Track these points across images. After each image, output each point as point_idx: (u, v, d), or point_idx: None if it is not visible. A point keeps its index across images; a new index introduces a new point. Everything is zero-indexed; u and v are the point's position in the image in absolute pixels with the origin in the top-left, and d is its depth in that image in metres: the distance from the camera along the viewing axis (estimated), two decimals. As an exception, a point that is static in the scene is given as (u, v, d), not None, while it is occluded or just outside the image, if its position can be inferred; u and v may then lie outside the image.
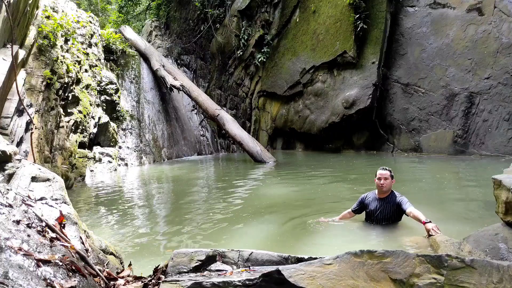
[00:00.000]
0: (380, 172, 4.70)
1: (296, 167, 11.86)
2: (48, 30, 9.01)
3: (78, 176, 10.04)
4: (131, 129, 14.60)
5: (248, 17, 17.39)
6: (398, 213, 4.72)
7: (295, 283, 1.66)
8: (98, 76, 12.85)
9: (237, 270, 2.13)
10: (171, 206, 7.18)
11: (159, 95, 16.69)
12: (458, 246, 3.31)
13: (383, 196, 4.76)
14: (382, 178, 4.65)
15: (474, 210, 5.55)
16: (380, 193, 4.78)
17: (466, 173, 8.96)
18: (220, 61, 18.98)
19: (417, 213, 4.32)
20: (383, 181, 4.64)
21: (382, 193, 4.76)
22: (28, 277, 1.53)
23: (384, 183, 4.65)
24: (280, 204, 6.45)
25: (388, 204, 4.72)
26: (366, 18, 13.04)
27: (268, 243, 4.58)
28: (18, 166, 2.86)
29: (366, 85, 13.12)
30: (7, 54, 6.07)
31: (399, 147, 13.11)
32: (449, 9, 12.06)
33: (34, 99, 8.02)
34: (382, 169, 4.73)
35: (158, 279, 2.14)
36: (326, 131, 14.26)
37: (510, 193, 2.85)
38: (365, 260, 1.76)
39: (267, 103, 17.21)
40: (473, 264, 1.68)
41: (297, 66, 15.40)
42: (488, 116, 10.95)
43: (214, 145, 18.31)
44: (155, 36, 21.39)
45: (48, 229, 2.09)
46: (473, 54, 11.38)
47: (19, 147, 6.48)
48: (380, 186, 4.68)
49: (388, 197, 4.74)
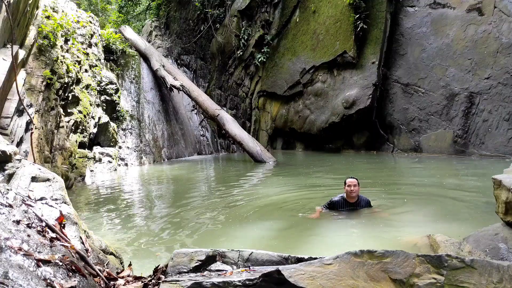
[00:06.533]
0: (349, 180, 5.42)
1: (296, 167, 11.86)
2: (48, 30, 9.01)
3: (78, 176, 10.04)
4: (131, 129, 14.59)
5: (248, 17, 17.39)
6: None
7: (295, 283, 1.66)
8: (98, 76, 12.85)
9: (237, 270, 2.13)
10: (171, 206, 7.18)
11: (159, 95, 16.68)
12: (458, 246, 3.30)
13: (352, 201, 5.47)
14: (351, 185, 5.36)
15: (474, 210, 5.54)
16: (350, 198, 5.47)
17: (466, 173, 8.95)
18: (220, 61, 18.98)
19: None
20: (353, 188, 5.37)
21: (351, 198, 5.46)
22: (28, 277, 1.53)
23: (354, 189, 5.37)
24: (280, 204, 6.44)
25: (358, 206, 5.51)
26: (366, 18, 13.04)
27: (268, 243, 4.58)
28: (18, 166, 2.86)
29: (366, 85, 13.12)
30: (7, 54, 6.07)
31: (399, 147, 13.11)
32: (449, 9, 12.06)
33: (34, 99, 8.01)
34: (350, 178, 5.47)
35: (158, 279, 2.14)
36: (326, 131, 14.26)
37: (510, 193, 2.85)
38: (365, 260, 1.76)
39: (267, 103, 17.21)
40: (473, 264, 1.68)
41: (297, 66, 15.40)
42: (488, 116, 10.95)
43: (214, 145, 18.31)
44: (155, 36, 21.39)
45: (48, 229, 2.09)
46: (473, 54, 11.38)
47: (19, 147, 6.48)
48: (351, 192, 5.38)
49: (357, 201, 5.50)
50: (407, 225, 4.84)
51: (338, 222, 5.22)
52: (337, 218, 5.33)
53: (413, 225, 4.81)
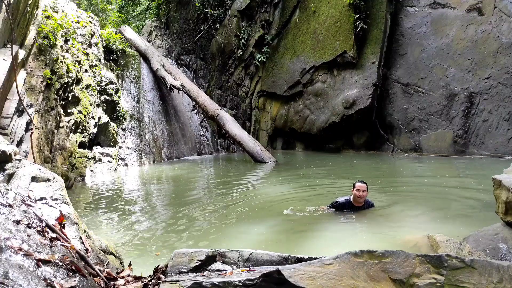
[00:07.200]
0: (359, 185, 5.21)
1: (296, 167, 11.86)
2: (48, 30, 9.01)
3: (78, 176, 10.04)
4: (131, 129, 14.59)
5: (248, 17, 17.39)
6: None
7: (295, 283, 1.66)
8: (98, 76, 12.85)
9: (237, 270, 2.13)
10: (171, 206, 7.18)
11: (159, 95, 16.68)
12: (458, 246, 3.31)
13: (359, 205, 5.34)
14: (361, 190, 5.17)
15: (474, 210, 5.54)
16: (357, 202, 5.32)
17: (466, 173, 8.95)
18: (220, 61, 18.98)
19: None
20: (362, 193, 5.18)
21: (359, 203, 5.31)
22: (28, 277, 1.53)
23: (362, 194, 5.19)
24: (280, 204, 6.44)
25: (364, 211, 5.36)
26: (366, 18, 13.04)
27: (268, 243, 4.58)
28: (18, 166, 2.86)
29: (366, 85, 13.12)
30: (7, 54, 6.07)
31: (399, 147, 13.10)
32: (449, 9, 12.06)
33: (34, 99, 8.01)
34: (360, 182, 5.24)
35: (158, 279, 2.14)
36: (326, 131, 14.26)
37: (510, 193, 2.85)
38: (365, 260, 1.76)
39: (267, 103, 17.21)
40: (473, 264, 1.68)
41: (297, 66, 15.40)
42: (488, 116, 10.95)
43: (214, 145, 18.31)
44: (155, 36, 21.39)
45: (48, 229, 2.09)
46: (473, 54, 11.38)
47: (19, 147, 6.48)
48: (359, 197, 5.20)
49: (363, 205, 5.39)
50: (407, 225, 4.84)
51: (338, 222, 5.21)
52: (337, 218, 5.32)
53: (413, 225, 4.81)
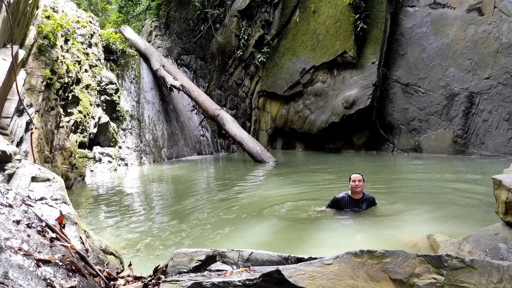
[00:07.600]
0: (354, 176, 5.39)
1: (296, 167, 11.86)
2: (48, 30, 9.01)
3: (78, 176, 10.04)
4: (131, 129, 14.59)
5: (248, 17, 17.38)
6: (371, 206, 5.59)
7: (295, 283, 1.66)
8: (98, 76, 12.85)
9: (237, 270, 2.13)
10: (171, 206, 7.18)
11: (159, 95, 16.69)
12: (458, 246, 3.30)
13: (358, 197, 5.42)
14: (356, 180, 5.33)
15: (474, 210, 5.54)
16: (355, 194, 5.42)
17: (466, 173, 8.95)
18: (220, 61, 18.98)
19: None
20: (358, 183, 5.32)
21: (356, 194, 5.41)
22: (28, 277, 1.53)
23: (359, 184, 5.32)
24: (280, 204, 6.44)
25: (363, 203, 5.45)
26: (366, 18, 13.04)
27: (268, 242, 4.57)
28: (18, 166, 2.86)
29: (366, 85, 13.12)
30: (7, 54, 6.07)
31: (399, 147, 13.10)
32: (449, 9, 12.06)
33: (34, 99, 8.01)
34: (355, 173, 5.43)
35: (158, 279, 2.14)
36: (326, 131, 14.26)
37: (510, 193, 2.85)
38: (365, 260, 1.76)
39: (267, 103, 17.21)
40: (473, 264, 1.68)
41: (297, 66, 15.40)
42: (488, 116, 10.95)
43: (214, 145, 18.31)
44: (155, 36, 21.39)
45: (48, 229, 2.09)
46: (473, 54, 11.38)
47: (19, 147, 6.48)
48: (355, 187, 5.33)
49: (362, 198, 5.47)
50: (407, 225, 4.84)
51: (339, 221, 5.21)
52: (337, 218, 5.32)
53: (413, 225, 4.81)
